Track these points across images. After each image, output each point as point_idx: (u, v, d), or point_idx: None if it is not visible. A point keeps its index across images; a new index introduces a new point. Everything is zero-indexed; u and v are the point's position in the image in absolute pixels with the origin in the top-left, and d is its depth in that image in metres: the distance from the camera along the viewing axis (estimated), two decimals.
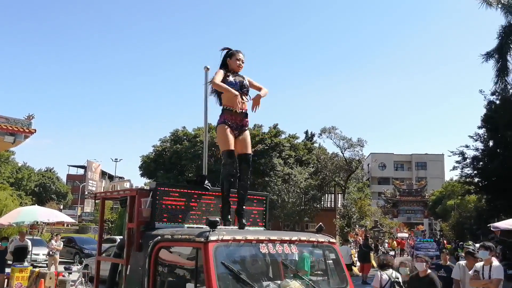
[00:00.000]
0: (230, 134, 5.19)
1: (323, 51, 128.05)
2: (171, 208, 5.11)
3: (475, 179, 30.48)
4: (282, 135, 39.41)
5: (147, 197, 4.99)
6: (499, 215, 24.91)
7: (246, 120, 5.39)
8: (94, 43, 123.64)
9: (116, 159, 61.45)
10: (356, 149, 34.84)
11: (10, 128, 13.56)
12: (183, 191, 5.29)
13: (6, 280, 12.46)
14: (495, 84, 24.42)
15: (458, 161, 30.48)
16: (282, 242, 4.59)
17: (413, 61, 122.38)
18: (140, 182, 50.25)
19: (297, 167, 34.12)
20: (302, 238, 4.85)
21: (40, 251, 20.69)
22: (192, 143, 38.62)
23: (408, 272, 7.58)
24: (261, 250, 4.43)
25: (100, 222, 6.45)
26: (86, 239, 28.04)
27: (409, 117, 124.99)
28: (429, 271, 7.33)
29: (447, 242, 41.77)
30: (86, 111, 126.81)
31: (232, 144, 5.17)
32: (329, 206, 34.72)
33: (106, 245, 15.39)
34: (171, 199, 5.12)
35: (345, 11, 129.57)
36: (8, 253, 13.64)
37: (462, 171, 30.96)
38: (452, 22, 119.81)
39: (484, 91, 27.91)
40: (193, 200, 5.31)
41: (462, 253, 15.42)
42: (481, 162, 29.08)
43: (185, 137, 40.66)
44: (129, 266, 4.95)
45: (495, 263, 7.28)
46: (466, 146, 29.60)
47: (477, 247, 8.03)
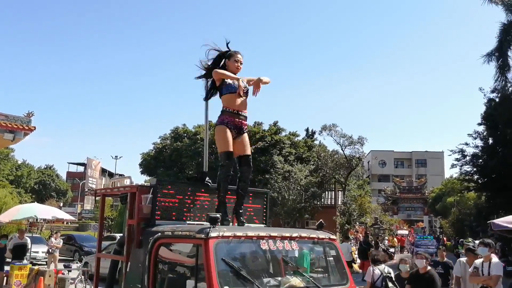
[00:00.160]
0: (229, 135, 5.17)
1: (324, 50, 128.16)
2: (172, 205, 5.10)
3: (475, 177, 30.50)
4: (283, 133, 39.42)
5: (148, 194, 4.98)
6: (499, 212, 24.92)
7: (245, 123, 5.38)
8: (94, 42, 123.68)
9: (116, 157, 61.64)
10: (356, 147, 34.87)
11: (10, 126, 13.52)
12: (184, 188, 5.28)
13: (5, 278, 12.46)
14: (495, 82, 24.45)
15: (458, 159, 30.50)
16: (283, 239, 4.59)
17: (413, 60, 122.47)
18: (140, 180, 50.26)
19: (298, 165, 34.13)
20: (303, 235, 4.84)
21: (40, 249, 20.67)
22: (193, 141, 38.62)
23: (408, 269, 7.60)
24: (262, 247, 4.42)
25: (100, 219, 6.44)
26: (86, 237, 28.03)
27: (409, 116, 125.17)
28: (429, 268, 7.38)
29: (447, 239, 41.83)
30: (86, 109, 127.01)
31: (231, 146, 5.15)
32: (330, 204, 34.76)
33: (106, 243, 15.40)
34: (172, 196, 5.11)
35: (345, 11, 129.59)
36: (7, 251, 13.63)
37: (462, 169, 31.00)
38: (452, 22, 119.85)
39: (484, 89, 27.94)
40: (194, 197, 5.30)
41: (462, 250, 15.41)
42: (481, 160, 29.09)
43: (186, 135, 40.67)
44: (129, 263, 4.95)
45: (495, 260, 7.30)
46: (466, 144, 29.62)
47: (477, 244, 8.04)
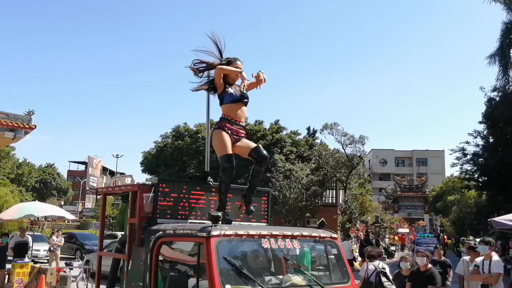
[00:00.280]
0: (227, 139, 5.15)
1: (326, 49, 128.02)
2: (173, 204, 5.10)
3: (475, 175, 30.53)
4: (284, 131, 39.40)
5: (149, 193, 4.99)
6: (500, 211, 24.95)
7: (243, 132, 5.38)
8: (95, 40, 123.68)
9: (117, 155, 61.78)
10: (358, 145, 34.82)
11: (10, 124, 13.51)
12: (185, 187, 5.28)
13: (7, 276, 12.50)
14: (497, 81, 24.49)
15: (458, 158, 30.53)
16: (284, 237, 4.59)
17: (415, 58, 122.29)
18: (142, 178, 50.27)
19: (299, 163, 34.07)
20: (304, 233, 4.84)
21: (41, 247, 20.74)
22: (194, 139, 38.57)
23: (409, 267, 7.62)
24: (263, 245, 4.43)
25: (102, 218, 6.46)
26: (87, 235, 28.11)
27: (410, 114, 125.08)
28: (430, 266, 7.42)
29: (447, 238, 41.87)
30: (87, 107, 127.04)
31: (230, 148, 5.12)
32: (331, 202, 34.73)
33: (108, 241, 15.44)
34: (173, 194, 5.11)
35: (347, 9, 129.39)
36: (9, 249, 13.67)
37: (462, 167, 31.03)
38: (454, 19, 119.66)
39: (485, 88, 27.96)
40: (195, 196, 5.30)
41: (464, 249, 15.41)
42: (481, 159, 29.12)
43: (187, 133, 40.62)
44: (131, 261, 4.96)
45: (495, 258, 7.32)
46: (467, 142, 29.64)
47: (478, 242, 8.07)
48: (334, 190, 35.43)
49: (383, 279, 7.24)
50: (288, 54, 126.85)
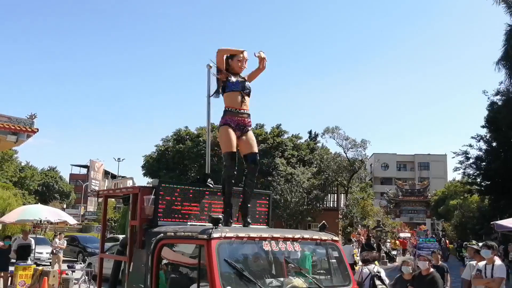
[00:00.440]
0: (233, 135, 5.15)
1: (328, 52, 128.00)
2: (174, 206, 5.11)
3: (478, 180, 30.49)
4: (285, 135, 39.44)
5: (150, 195, 4.99)
6: (502, 215, 24.90)
7: (249, 120, 5.37)
8: (97, 42, 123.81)
9: (119, 159, 61.54)
10: (359, 149, 34.79)
11: (13, 127, 13.59)
12: (186, 189, 5.28)
13: (10, 278, 12.55)
14: (500, 85, 24.50)
15: (461, 161, 30.50)
16: (285, 240, 4.59)
17: (415, 58, 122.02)
18: (143, 182, 50.35)
19: (300, 167, 34.08)
20: (305, 236, 4.84)
21: (44, 250, 20.82)
22: (195, 143, 38.62)
23: (411, 271, 7.61)
24: (264, 248, 4.43)
25: (103, 220, 6.48)
26: (89, 238, 28.18)
27: (411, 114, 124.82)
28: (432, 270, 7.41)
29: (449, 242, 41.76)
30: (89, 111, 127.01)
31: (234, 146, 5.14)
32: (332, 206, 34.71)
33: (109, 244, 15.46)
34: (174, 197, 5.12)
35: (348, 10, 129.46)
36: (12, 252, 13.71)
37: (465, 171, 30.99)
38: (454, 19, 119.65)
39: (488, 92, 27.97)
40: (196, 198, 5.31)
41: (466, 254, 15.35)
42: (484, 163, 29.09)
43: (188, 137, 40.67)
44: (132, 264, 4.96)
45: (498, 262, 7.31)
46: (470, 146, 29.63)
47: (480, 246, 8.06)
48: (336, 194, 35.41)
49: (377, 282, 7.28)
50: (288, 54, 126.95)
